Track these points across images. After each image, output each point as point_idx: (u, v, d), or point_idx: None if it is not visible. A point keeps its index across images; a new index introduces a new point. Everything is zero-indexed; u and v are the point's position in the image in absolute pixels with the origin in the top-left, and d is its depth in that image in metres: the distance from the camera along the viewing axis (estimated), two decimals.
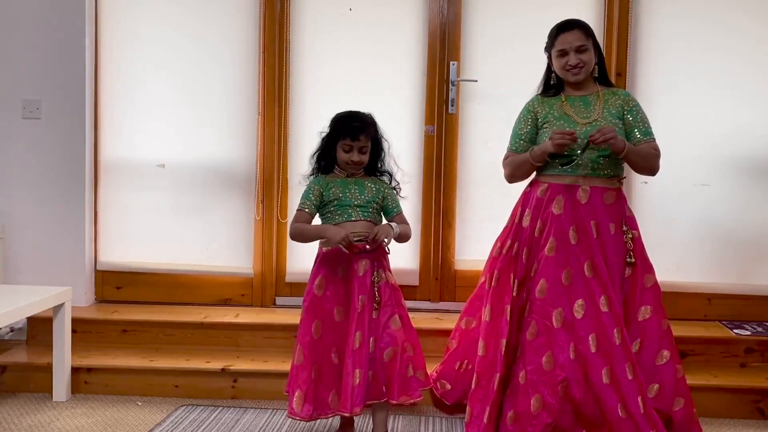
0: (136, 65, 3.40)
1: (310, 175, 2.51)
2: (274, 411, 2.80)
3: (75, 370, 2.92)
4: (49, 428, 2.62)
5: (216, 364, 2.96)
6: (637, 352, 2.49)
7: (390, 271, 2.48)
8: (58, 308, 2.85)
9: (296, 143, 3.40)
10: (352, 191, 2.43)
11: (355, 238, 2.36)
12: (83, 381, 2.94)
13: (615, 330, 2.41)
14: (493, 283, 2.60)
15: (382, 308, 2.40)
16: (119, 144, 3.42)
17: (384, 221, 2.52)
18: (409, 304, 3.34)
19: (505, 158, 2.68)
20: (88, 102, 3.32)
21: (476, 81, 3.33)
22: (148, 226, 3.44)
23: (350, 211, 2.41)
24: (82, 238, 3.33)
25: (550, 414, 2.39)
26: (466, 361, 2.73)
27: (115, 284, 3.47)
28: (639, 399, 2.37)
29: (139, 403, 2.86)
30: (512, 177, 2.67)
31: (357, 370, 2.32)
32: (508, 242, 2.62)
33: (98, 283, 3.46)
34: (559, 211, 2.51)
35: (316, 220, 2.49)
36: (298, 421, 2.45)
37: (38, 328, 3.16)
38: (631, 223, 2.57)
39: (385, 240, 2.38)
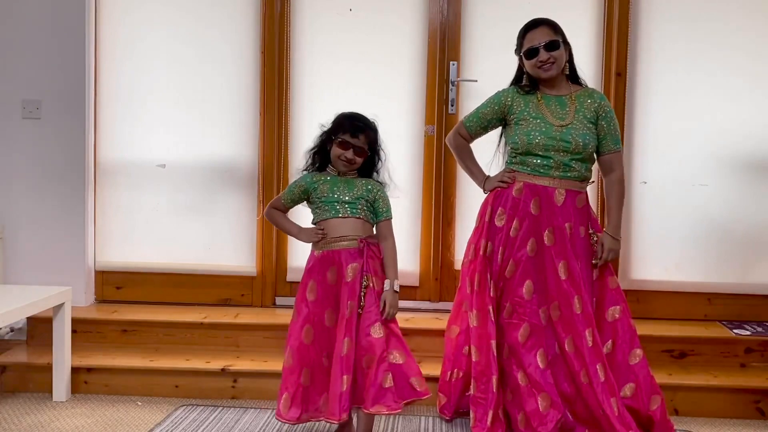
0: (136, 65, 3.40)
1: (304, 170, 2.50)
2: (274, 411, 2.80)
3: (75, 370, 2.92)
4: (49, 428, 2.62)
5: (216, 364, 2.96)
6: (611, 353, 2.51)
7: (379, 276, 2.42)
8: (58, 308, 2.85)
9: (296, 143, 3.39)
10: (341, 188, 2.41)
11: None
12: (83, 381, 2.94)
13: (587, 331, 2.44)
14: (475, 287, 2.57)
15: (364, 314, 2.34)
16: (119, 144, 3.42)
17: (375, 231, 2.48)
18: (409, 304, 3.36)
19: (456, 130, 2.72)
20: (88, 102, 3.32)
21: (476, 81, 3.33)
22: (148, 226, 3.44)
23: (338, 207, 2.39)
24: (82, 238, 3.33)
25: (558, 410, 2.41)
26: (455, 370, 2.71)
27: (115, 284, 3.47)
28: (612, 400, 2.40)
29: (139, 403, 2.86)
30: (455, 154, 2.77)
31: (345, 377, 2.30)
32: (482, 242, 2.58)
33: (98, 283, 3.46)
34: (536, 212, 2.51)
35: (301, 214, 2.51)
36: (286, 424, 2.44)
37: (38, 328, 3.16)
38: (596, 225, 2.60)
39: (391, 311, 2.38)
